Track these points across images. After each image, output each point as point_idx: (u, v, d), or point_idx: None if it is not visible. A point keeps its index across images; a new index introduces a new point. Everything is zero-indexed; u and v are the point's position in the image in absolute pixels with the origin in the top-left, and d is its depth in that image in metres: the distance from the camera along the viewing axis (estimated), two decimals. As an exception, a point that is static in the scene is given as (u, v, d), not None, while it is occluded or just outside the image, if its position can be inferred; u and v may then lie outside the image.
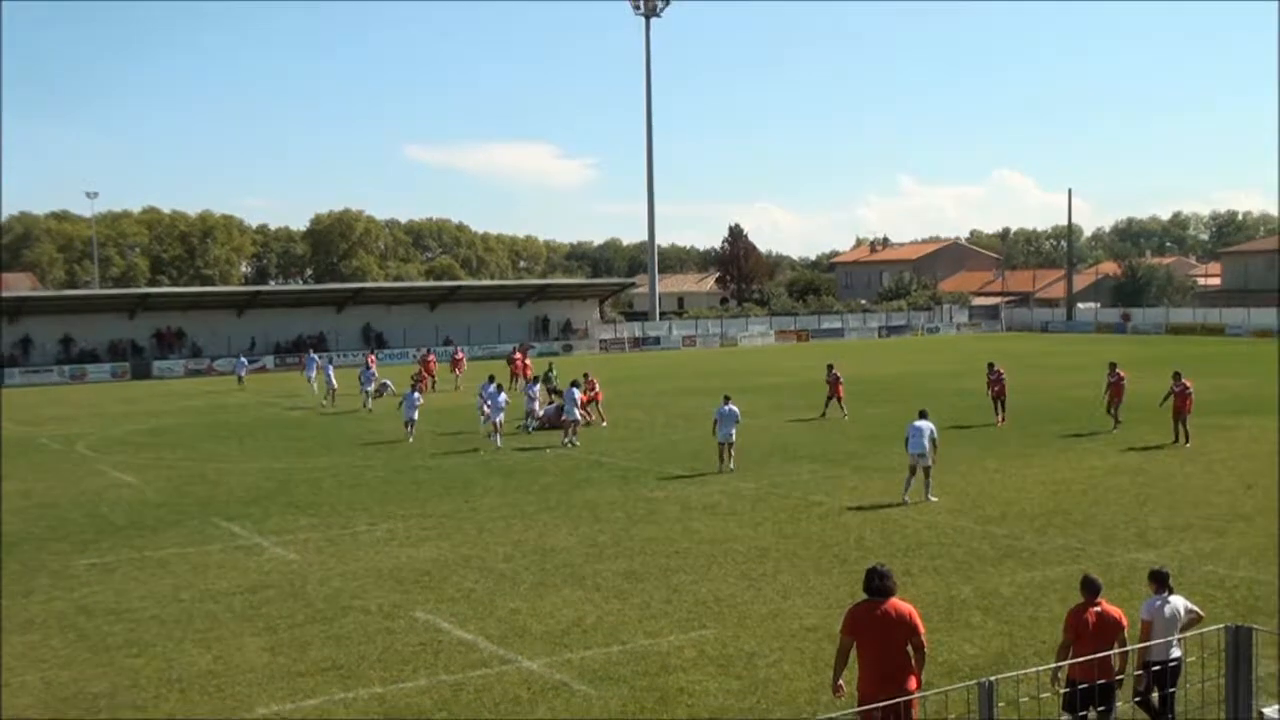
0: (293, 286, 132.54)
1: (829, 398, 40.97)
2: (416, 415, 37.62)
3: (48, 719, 12.01)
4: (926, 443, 25.33)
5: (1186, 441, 32.18)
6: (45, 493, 29.87)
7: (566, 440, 35.56)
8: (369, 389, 48.48)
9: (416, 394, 38.23)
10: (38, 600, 19.15)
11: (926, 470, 25.52)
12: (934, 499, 25.14)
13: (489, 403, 36.25)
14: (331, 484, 30.07)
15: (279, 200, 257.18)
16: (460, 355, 63.26)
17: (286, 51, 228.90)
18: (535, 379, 43.81)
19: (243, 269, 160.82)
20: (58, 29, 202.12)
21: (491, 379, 38.00)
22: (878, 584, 10.92)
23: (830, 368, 41.84)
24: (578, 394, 36.93)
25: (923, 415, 26.32)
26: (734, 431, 29.90)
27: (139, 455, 37.02)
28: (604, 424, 40.02)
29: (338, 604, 18.39)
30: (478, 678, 14.72)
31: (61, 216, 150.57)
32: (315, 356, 61.63)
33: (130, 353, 77.96)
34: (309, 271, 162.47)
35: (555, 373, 48.29)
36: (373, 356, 64.34)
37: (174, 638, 16.80)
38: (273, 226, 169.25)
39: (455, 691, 14.23)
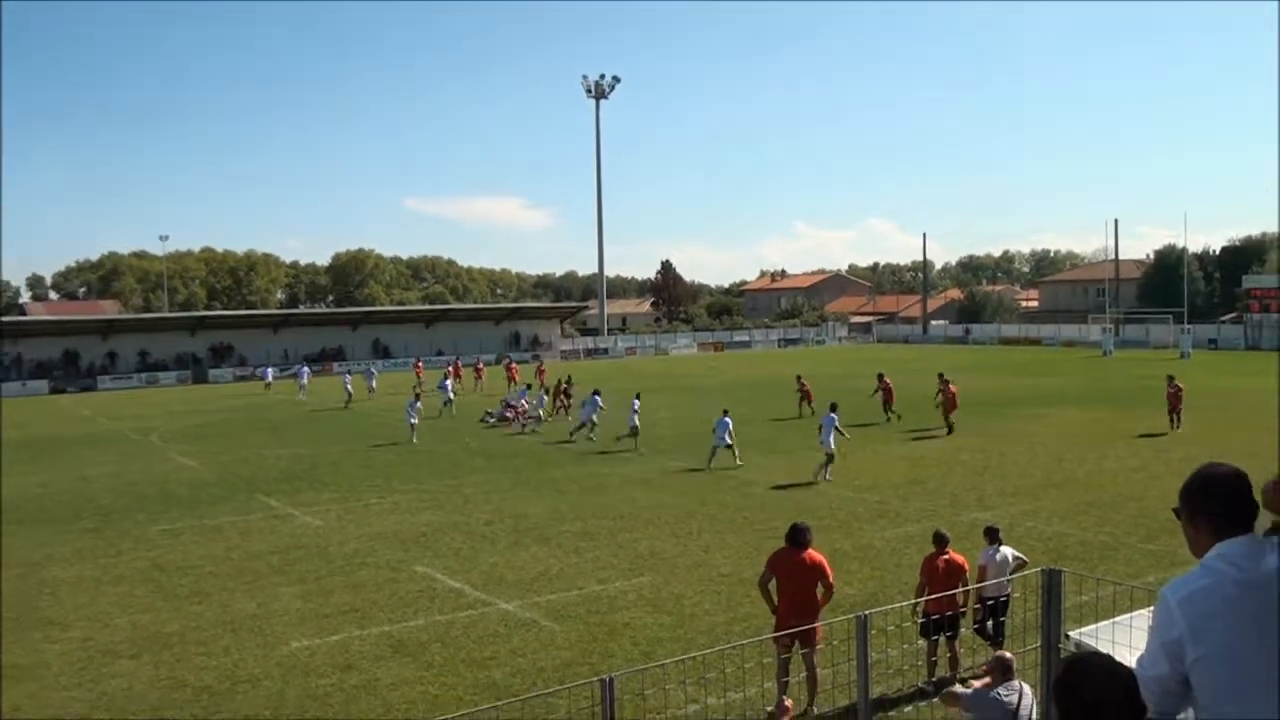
0: (318, 310, 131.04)
1: (800, 402, 38.40)
2: (417, 420, 34.81)
3: (47, 718, 11.76)
4: (830, 433, 24.95)
5: (949, 431, 31.77)
6: (128, 474, 29.62)
7: (576, 434, 33.84)
8: (415, 410, 35.51)
9: (418, 402, 36.14)
10: (125, 559, 19.03)
11: (831, 456, 24.96)
12: (829, 479, 24.48)
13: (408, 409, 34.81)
14: (349, 466, 29.81)
15: (308, 241, 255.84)
16: (480, 366, 59.75)
17: (316, 127, 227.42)
18: (528, 385, 42.98)
19: (279, 296, 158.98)
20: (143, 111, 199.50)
21: (418, 395, 37.06)
22: (799, 536, 11.03)
23: (799, 377, 40.66)
24: (600, 400, 34.48)
25: (834, 408, 26.05)
26: (726, 436, 27.47)
27: (198, 444, 36.59)
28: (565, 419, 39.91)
29: (354, 560, 18.29)
30: (465, 617, 14.68)
31: (140, 255, 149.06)
32: (307, 367, 62.80)
33: (192, 363, 77.05)
34: (330, 298, 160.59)
35: (573, 381, 43.68)
36: (420, 365, 64.54)
37: (227, 588, 16.69)
38: (303, 262, 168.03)
39: (448, 628, 14.19)
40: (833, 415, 25.52)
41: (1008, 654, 8.20)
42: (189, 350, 78.13)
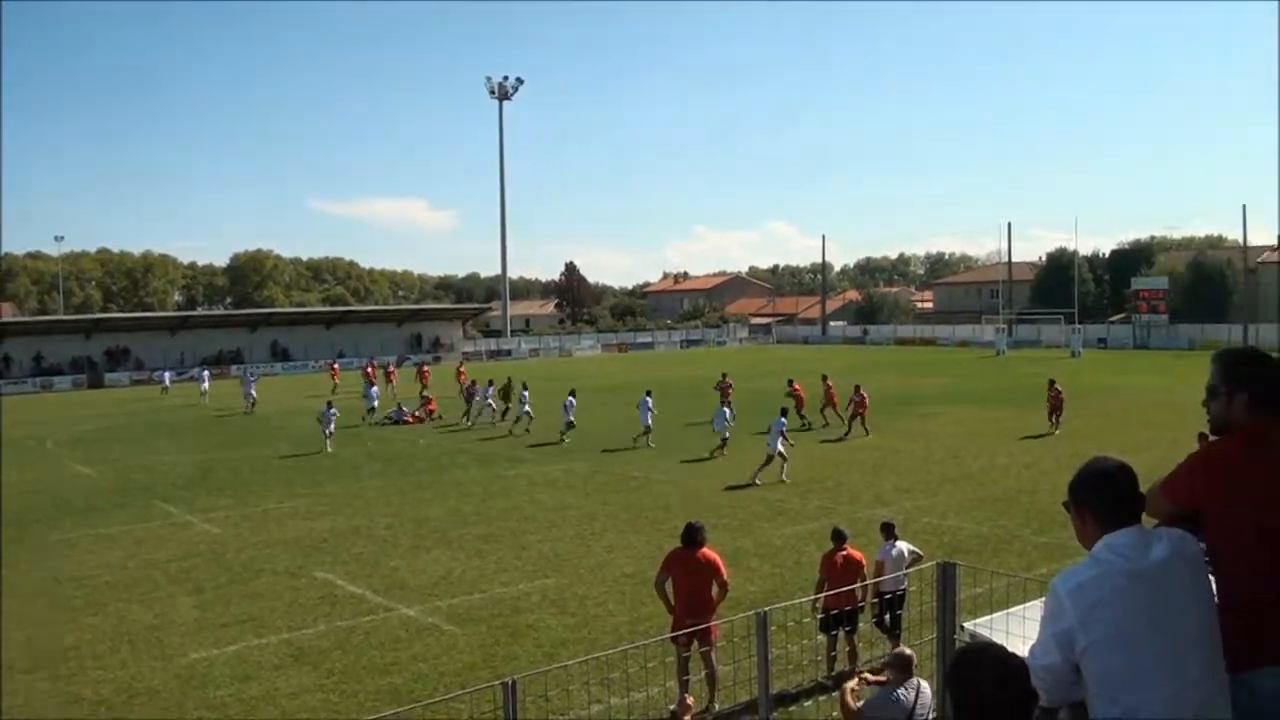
0: (216, 312, 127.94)
1: (823, 407, 34.90)
2: (333, 429, 33.07)
3: (53, 719, 11.51)
4: (780, 439, 24.56)
5: (867, 434, 31.39)
6: (22, 482, 28.49)
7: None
8: (330, 418, 33.61)
9: (333, 409, 33.71)
10: (20, 571, 18.34)
11: (771, 457, 24.53)
12: (786, 480, 24.11)
13: (322, 417, 33.18)
14: (247, 471, 29.14)
15: (205, 241, 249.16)
16: (392, 369, 58.95)
17: (213, 122, 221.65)
18: (490, 382, 41.11)
19: (176, 298, 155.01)
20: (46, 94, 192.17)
21: (330, 403, 34.58)
22: (692, 535, 11.09)
23: (791, 381, 38.21)
24: (527, 395, 36.00)
25: (784, 412, 26.12)
26: (726, 428, 28.68)
27: (93, 450, 35.46)
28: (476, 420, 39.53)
29: (252, 568, 17.86)
30: (366, 623, 14.44)
31: (35, 256, 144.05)
32: (207, 370, 60.34)
33: (87, 366, 74.60)
34: (229, 299, 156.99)
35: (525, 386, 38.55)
36: (335, 368, 62.27)
37: (123, 599, 16.22)
38: (200, 263, 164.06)
39: (348, 634, 13.94)
40: (782, 420, 25.26)
41: (907, 650, 8.31)
42: (84, 354, 75.77)
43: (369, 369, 56.78)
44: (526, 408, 35.72)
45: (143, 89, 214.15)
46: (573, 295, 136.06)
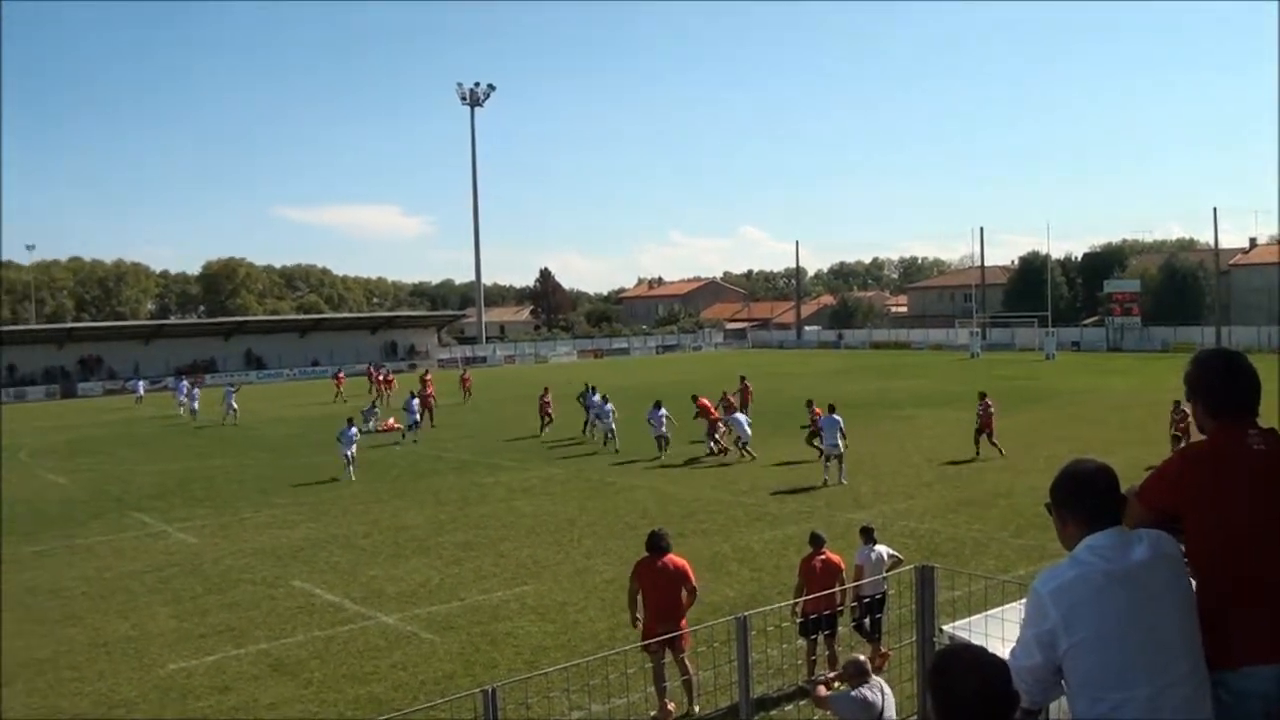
0: (189, 320, 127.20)
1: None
2: (353, 450, 28.59)
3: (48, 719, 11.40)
4: (839, 436, 24.06)
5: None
6: (-7, 494, 28.13)
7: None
8: (351, 438, 28.96)
9: (353, 429, 29.29)
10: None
11: (840, 458, 24.16)
12: (845, 482, 23.86)
13: (343, 437, 28.62)
14: (222, 480, 28.95)
15: (177, 250, 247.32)
16: (391, 377, 56.36)
17: (183, 130, 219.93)
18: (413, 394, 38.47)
19: (149, 306, 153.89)
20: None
21: (350, 422, 30.17)
22: (656, 543, 11.12)
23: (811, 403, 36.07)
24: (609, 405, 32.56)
25: (832, 410, 24.82)
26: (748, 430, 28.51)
27: (68, 461, 35.16)
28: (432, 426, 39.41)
29: (230, 577, 17.76)
30: (345, 632, 14.39)
31: (5, 265, 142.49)
32: (185, 381, 57.30)
33: (60, 376, 74.12)
34: (202, 308, 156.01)
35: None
36: (341, 377, 59.55)
37: (100, 610, 16.09)
38: (173, 271, 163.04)
39: (327, 643, 13.89)
40: (836, 417, 24.39)
41: (861, 656, 8.36)
42: (57, 363, 75.29)
43: (387, 377, 54.87)
44: (611, 421, 31.94)
45: (113, 96, 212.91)
46: (548, 301, 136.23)
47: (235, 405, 46.40)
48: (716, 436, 29.26)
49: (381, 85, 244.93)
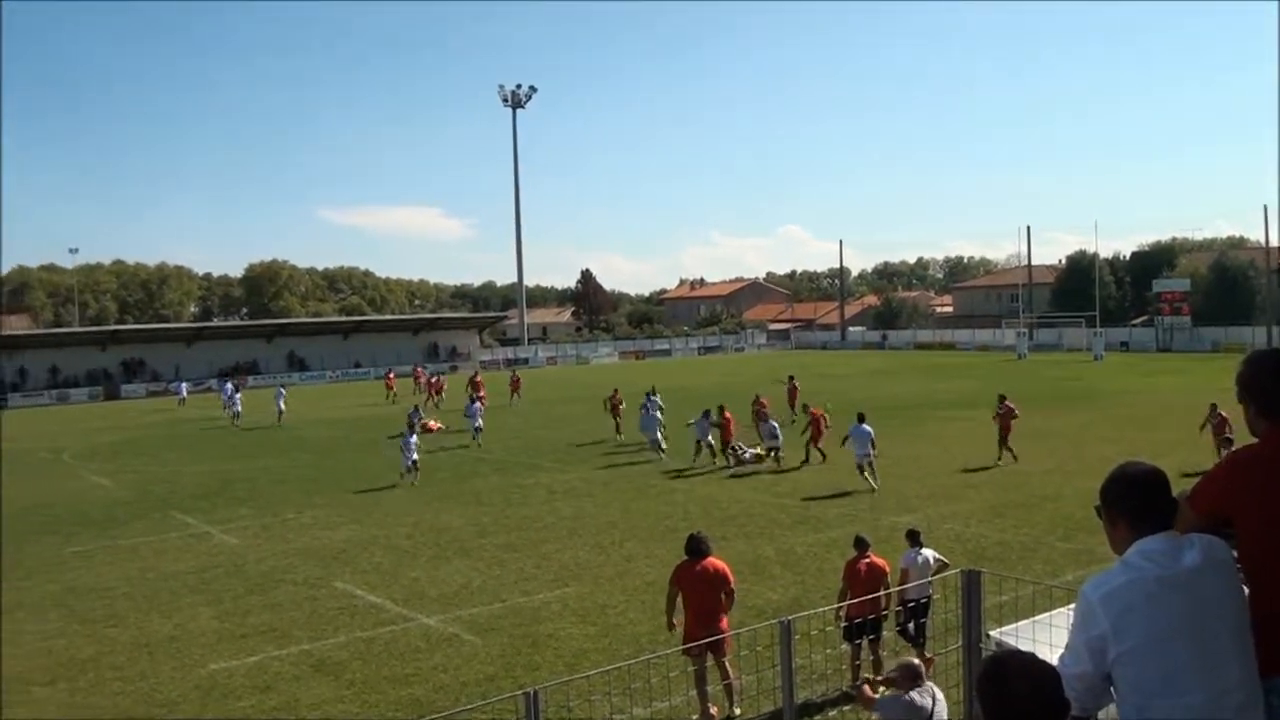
0: (232, 323, 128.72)
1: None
2: (417, 455, 27.73)
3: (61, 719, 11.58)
4: (870, 445, 23.67)
5: (823, 459, 27.61)
6: (40, 495, 28.60)
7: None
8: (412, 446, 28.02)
9: (414, 436, 28.47)
10: (37, 583, 18.42)
11: (871, 464, 23.78)
12: (876, 486, 23.46)
13: (405, 446, 27.65)
14: (266, 481, 29.25)
15: (220, 253, 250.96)
16: (441, 381, 54.58)
17: (224, 131, 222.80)
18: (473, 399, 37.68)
19: (191, 309, 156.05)
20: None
21: (411, 427, 30.19)
22: (696, 546, 11.10)
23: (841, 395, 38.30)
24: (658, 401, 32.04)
25: (861, 419, 24.29)
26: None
27: (111, 462, 35.62)
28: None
29: (272, 578, 17.92)
30: (386, 633, 14.47)
31: (50, 268, 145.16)
32: (230, 383, 55.92)
33: (103, 379, 75.02)
34: (245, 310, 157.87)
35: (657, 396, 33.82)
36: (391, 376, 58.78)
37: (142, 610, 16.26)
38: (215, 274, 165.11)
39: (368, 645, 13.97)
40: (866, 427, 23.87)
41: (914, 660, 8.27)
42: (100, 366, 76.23)
43: (438, 382, 53.68)
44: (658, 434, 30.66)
45: (156, 99, 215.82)
46: (589, 303, 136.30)
47: (284, 407, 46.68)
48: (735, 445, 28.26)
49: (423, 87, 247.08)
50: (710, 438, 29.01)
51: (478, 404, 36.60)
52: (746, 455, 27.96)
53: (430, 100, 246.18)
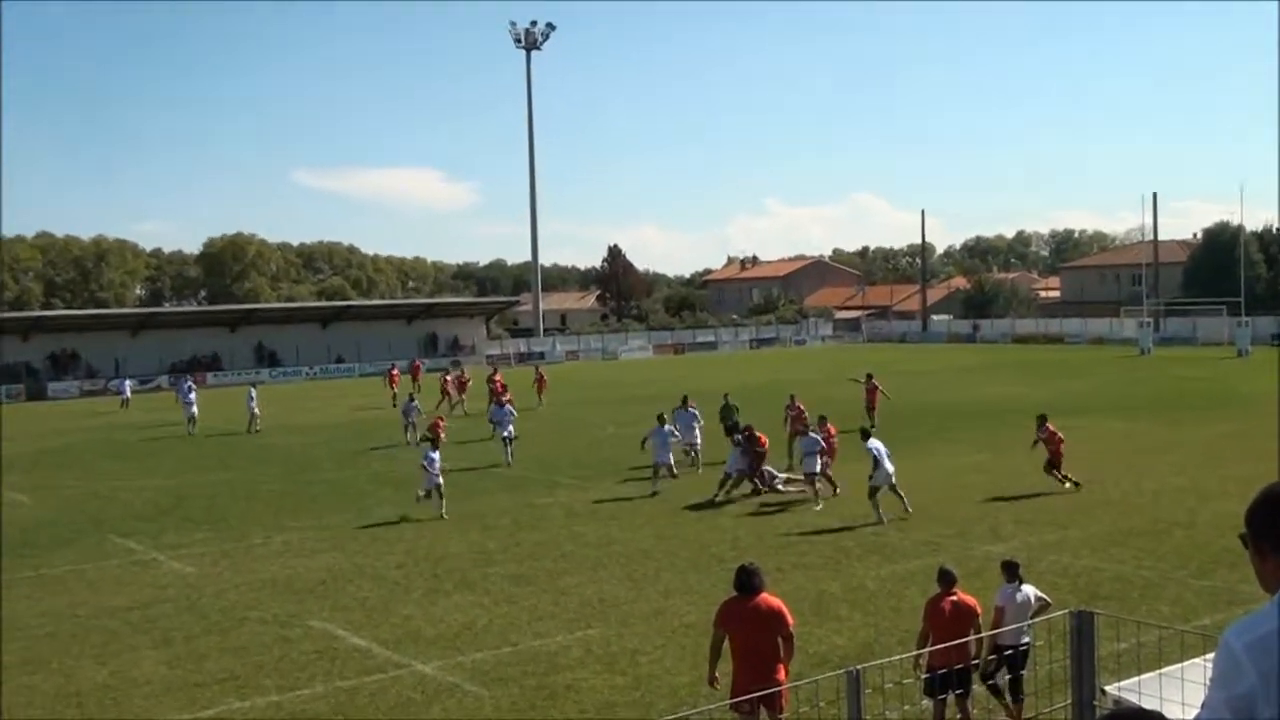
0: (186, 308, 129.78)
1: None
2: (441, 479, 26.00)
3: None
4: (889, 465, 23.16)
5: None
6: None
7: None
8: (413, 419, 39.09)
9: (435, 451, 26.93)
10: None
11: (893, 487, 23.25)
12: (910, 511, 23.21)
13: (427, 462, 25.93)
14: (227, 498, 29.46)
15: (173, 225, 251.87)
16: (466, 378, 54.20)
17: (174, 78, 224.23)
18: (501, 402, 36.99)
19: (137, 291, 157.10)
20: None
21: (435, 442, 28.76)
22: (746, 580, 11.03)
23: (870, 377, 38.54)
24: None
25: (866, 436, 24.00)
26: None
27: (32, 475, 35.80)
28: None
29: (234, 615, 18.02)
30: (372, 683, 14.53)
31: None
32: (188, 381, 54.78)
33: (26, 375, 75.37)
34: (202, 293, 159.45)
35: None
36: (395, 372, 57.74)
37: (70, 654, 16.30)
38: (166, 250, 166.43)
39: (351, 696, 14.03)
40: (878, 444, 23.42)
41: None
42: (21, 359, 76.35)
43: (461, 378, 53.16)
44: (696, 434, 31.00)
45: (94, 41, 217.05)
46: (617, 286, 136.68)
47: (258, 410, 46.64)
48: (765, 471, 27.09)
49: (419, 23, 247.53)
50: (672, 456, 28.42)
51: (508, 407, 35.35)
52: (778, 482, 26.91)
53: (428, 38, 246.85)
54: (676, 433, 29.21)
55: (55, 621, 18.08)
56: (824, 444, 26.16)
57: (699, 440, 30.96)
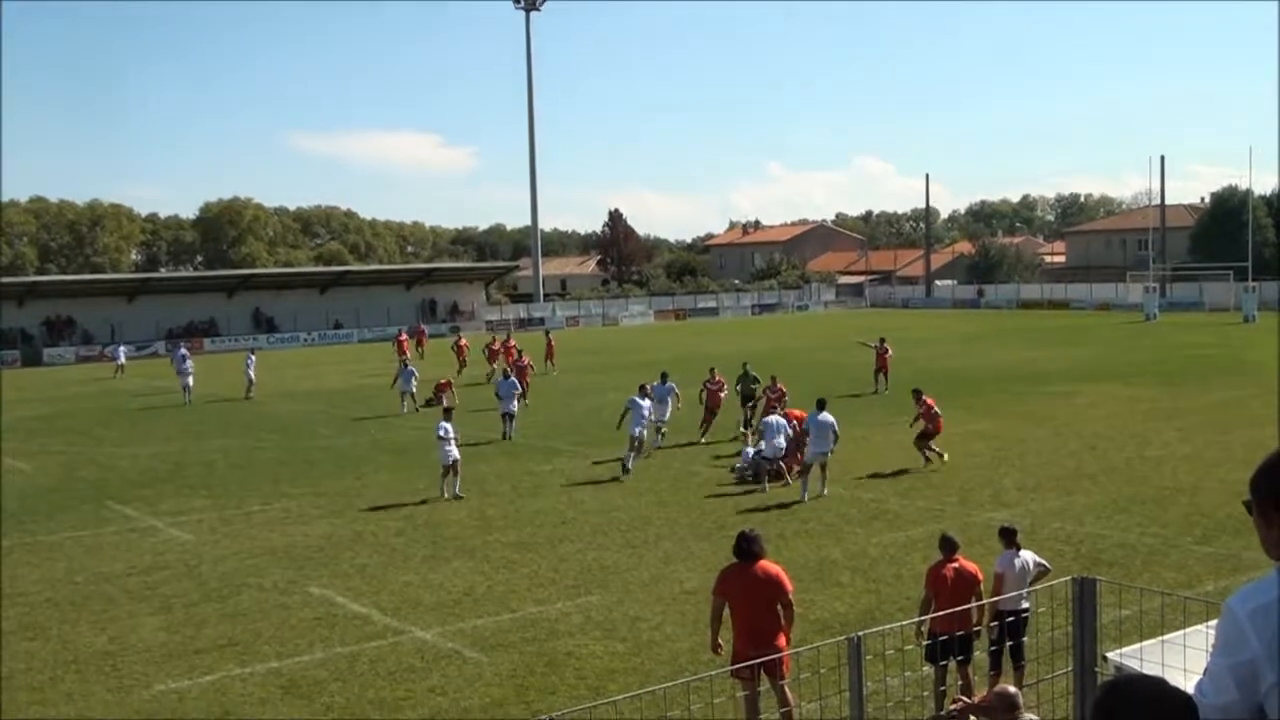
0: (183, 274, 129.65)
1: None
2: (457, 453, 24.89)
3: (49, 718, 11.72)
4: (830, 440, 22.68)
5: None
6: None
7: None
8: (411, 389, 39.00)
9: (447, 421, 25.47)
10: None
11: (823, 466, 22.86)
12: (827, 493, 22.55)
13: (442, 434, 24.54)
14: (225, 465, 29.49)
15: (169, 189, 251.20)
16: (464, 342, 53.40)
17: (169, 41, 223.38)
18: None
19: (133, 256, 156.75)
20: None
21: (447, 412, 26.50)
22: (746, 547, 11.05)
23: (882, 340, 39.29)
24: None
25: (821, 407, 23.12)
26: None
27: (30, 442, 35.81)
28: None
29: (233, 582, 18.06)
30: (372, 649, 14.57)
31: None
32: (184, 348, 52.12)
33: (21, 341, 75.54)
34: (199, 258, 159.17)
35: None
36: (404, 338, 57.15)
37: (69, 620, 16.35)
38: (163, 215, 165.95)
39: (351, 662, 14.07)
40: (827, 416, 22.79)
41: (1011, 688, 8.24)
42: (17, 325, 76.53)
43: (459, 343, 52.90)
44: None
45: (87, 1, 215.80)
46: (618, 251, 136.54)
47: (254, 376, 46.55)
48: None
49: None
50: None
51: (513, 378, 34.14)
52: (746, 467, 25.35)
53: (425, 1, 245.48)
54: (650, 414, 27.41)
55: (54, 588, 18.13)
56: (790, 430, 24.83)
57: (668, 416, 29.49)
